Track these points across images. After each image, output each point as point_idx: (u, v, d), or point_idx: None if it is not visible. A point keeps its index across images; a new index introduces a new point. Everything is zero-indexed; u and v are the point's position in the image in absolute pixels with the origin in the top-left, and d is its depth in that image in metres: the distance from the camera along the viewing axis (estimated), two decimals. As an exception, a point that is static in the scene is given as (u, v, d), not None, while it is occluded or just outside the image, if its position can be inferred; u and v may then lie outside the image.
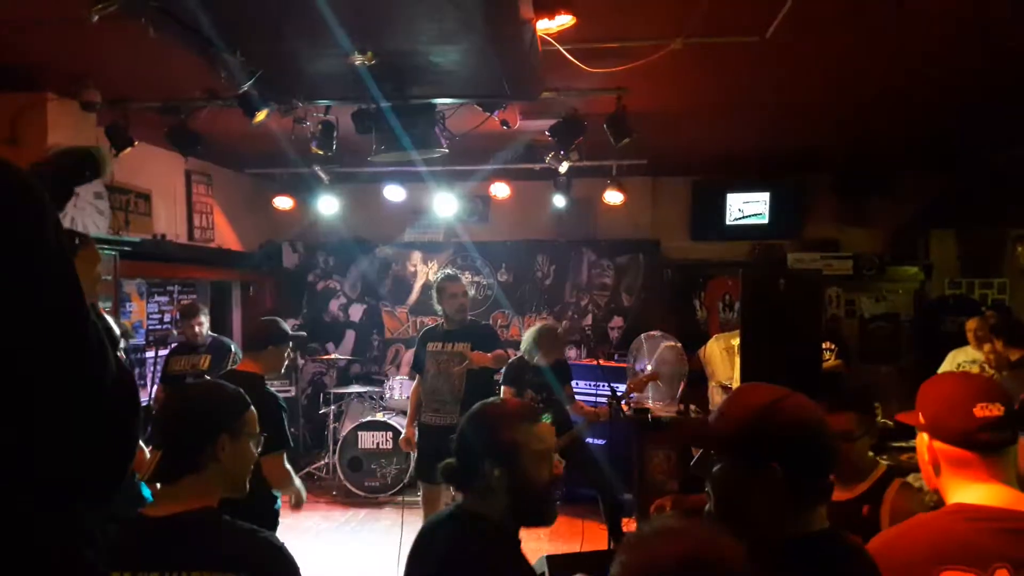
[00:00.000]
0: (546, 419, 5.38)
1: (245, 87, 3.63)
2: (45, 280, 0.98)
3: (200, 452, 1.83)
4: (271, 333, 3.93)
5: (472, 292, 8.39)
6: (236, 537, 1.76)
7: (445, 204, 7.60)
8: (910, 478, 4.68)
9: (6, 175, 0.98)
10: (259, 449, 2.02)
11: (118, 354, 1.22)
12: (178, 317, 6.48)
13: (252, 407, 2.00)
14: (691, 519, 1.25)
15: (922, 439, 1.70)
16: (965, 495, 1.58)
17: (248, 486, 1.96)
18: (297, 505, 3.73)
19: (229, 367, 5.28)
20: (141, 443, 3.13)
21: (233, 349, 6.00)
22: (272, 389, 3.72)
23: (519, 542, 1.92)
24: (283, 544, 1.80)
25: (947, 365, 5.99)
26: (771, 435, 1.43)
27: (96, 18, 2.65)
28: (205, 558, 1.68)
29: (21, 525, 0.97)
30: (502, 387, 5.58)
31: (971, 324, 5.94)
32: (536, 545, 5.94)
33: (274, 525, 3.60)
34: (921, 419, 1.67)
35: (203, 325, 5.93)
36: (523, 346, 5.74)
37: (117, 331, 2.31)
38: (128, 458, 1.12)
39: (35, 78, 4.78)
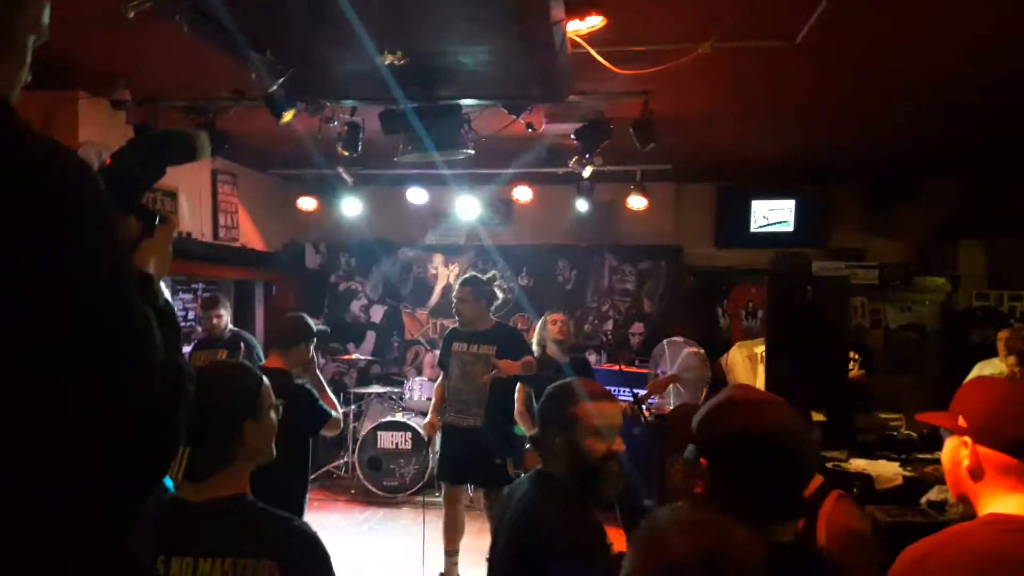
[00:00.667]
0: None
1: (275, 86, 3.65)
2: (80, 253, 0.95)
3: (228, 445, 1.82)
4: (300, 329, 3.97)
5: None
6: (270, 525, 1.78)
7: (467, 207, 7.60)
8: (932, 492, 4.63)
9: (62, 164, 0.96)
10: (279, 416, 2.01)
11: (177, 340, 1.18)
12: (199, 310, 6.52)
13: (264, 379, 1.99)
14: (703, 511, 1.24)
15: (957, 444, 1.66)
16: (1002, 505, 1.55)
17: (275, 450, 1.97)
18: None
19: (249, 361, 5.31)
20: None
21: (252, 343, 6.01)
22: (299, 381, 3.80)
23: (590, 505, 2.13)
24: (316, 533, 1.81)
25: (975, 376, 5.91)
26: (712, 433, 1.55)
27: (132, 14, 2.68)
28: (238, 545, 1.71)
29: (57, 518, 0.95)
30: (519, 385, 5.54)
31: (1003, 334, 5.87)
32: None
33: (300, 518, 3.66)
34: (962, 422, 1.63)
35: (222, 318, 5.93)
36: (535, 340, 5.73)
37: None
38: (172, 452, 1.09)
39: (67, 76, 4.84)
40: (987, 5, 3.63)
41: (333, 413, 3.81)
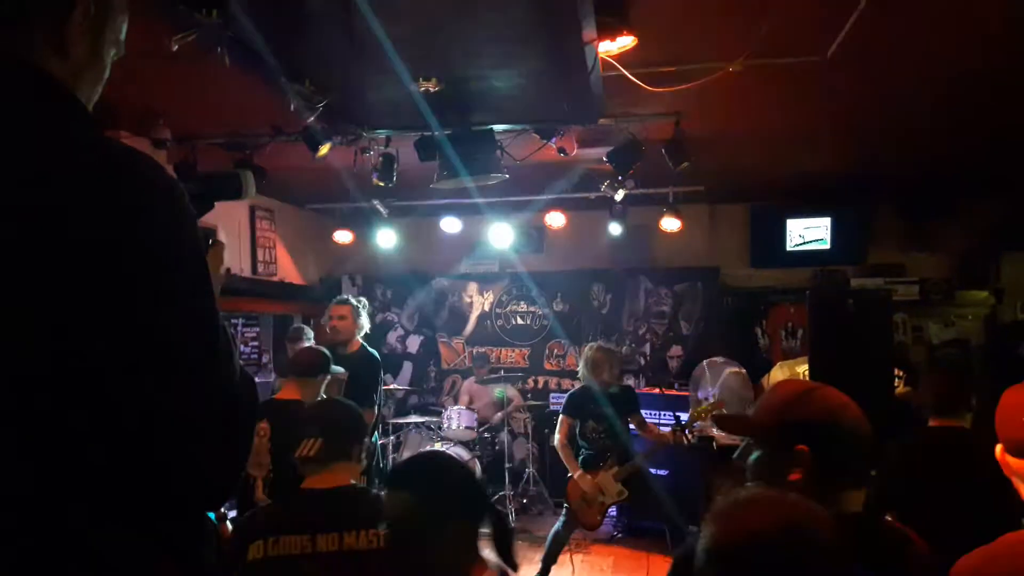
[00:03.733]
0: (612, 465, 5.38)
1: (312, 116, 3.72)
2: (183, 279, 0.97)
3: (352, 446, 2.41)
4: (323, 362, 4.02)
5: (527, 321, 8.44)
6: (376, 501, 2.19)
7: (500, 235, 7.64)
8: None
9: (148, 169, 0.98)
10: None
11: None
12: (287, 343, 6.60)
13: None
14: (771, 489, 1.28)
15: (1001, 448, 1.65)
16: None
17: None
18: None
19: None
20: None
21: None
22: None
23: None
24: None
25: None
26: (799, 421, 1.59)
27: (176, 47, 2.76)
28: (355, 519, 2.17)
29: (143, 528, 0.96)
30: (561, 417, 5.52)
31: None
32: (599, 577, 5.85)
33: None
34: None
35: (344, 319, 5.94)
36: (580, 373, 5.71)
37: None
38: (244, 464, 1.10)
39: (109, 116, 4.97)
40: (1019, 22, 3.60)
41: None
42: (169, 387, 0.94)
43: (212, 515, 1.94)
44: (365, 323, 5.26)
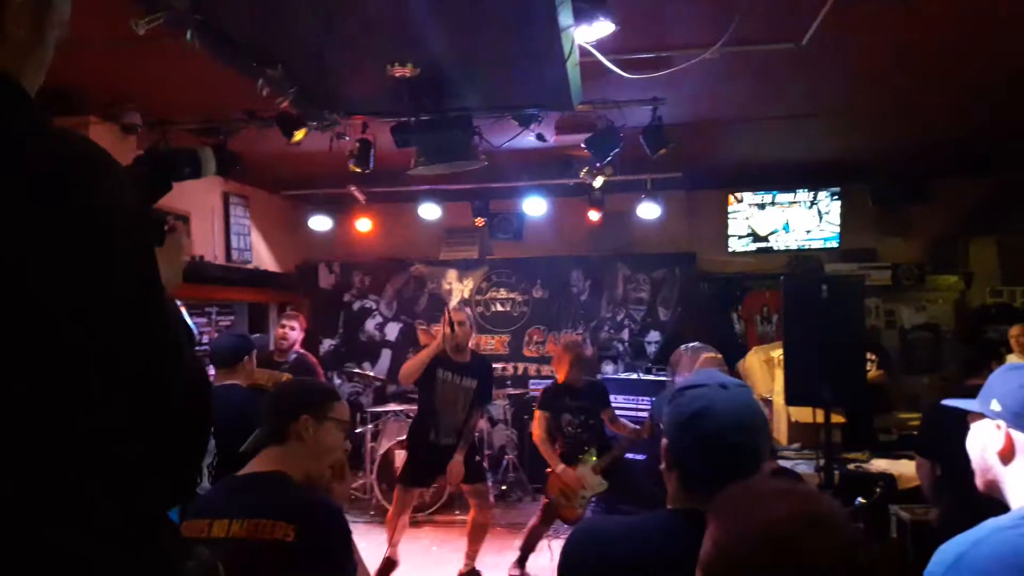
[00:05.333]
0: (591, 457, 5.41)
1: (286, 101, 3.68)
2: (114, 264, 0.93)
3: (284, 427, 2.13)
4: (241, 345, 4.13)
5: (507, 308, 8.44)
6: (297, 495, 2.04)
7: (479, 221, 7.63)
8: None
9: (74, 146, 0.95)
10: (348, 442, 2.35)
11: (195, 353, 1.18)
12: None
13: (343, 400, 2.32)
14: (782, 480, 1.24)
15: (988, 427, 1.65)
16: None
17: (327, 474, 2.23)
18: None
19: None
20: None
21: (315, 370, 5.94)
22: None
23: None
24: (341, 508, 2.07)
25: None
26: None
27: (143, 31, 2.71)
28: (267, 508, 1.95)
29: (99, 527, 0.93)
30: (537, 412, 5.50)
31: (1015, 330, 5.83)
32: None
33: None
34: (996, 406, 1.64)
35: (294, 330, 5.90)
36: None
37: (195, 329, 2.51)
38: (196, 465, 1.08)
39: (77, 102, 4.89)
40: (991, 6, 3.64)
41: None
42: (102, 378, 0.91)
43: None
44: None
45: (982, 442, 1.67)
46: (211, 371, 6.40)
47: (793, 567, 1.05)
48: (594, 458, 5.40)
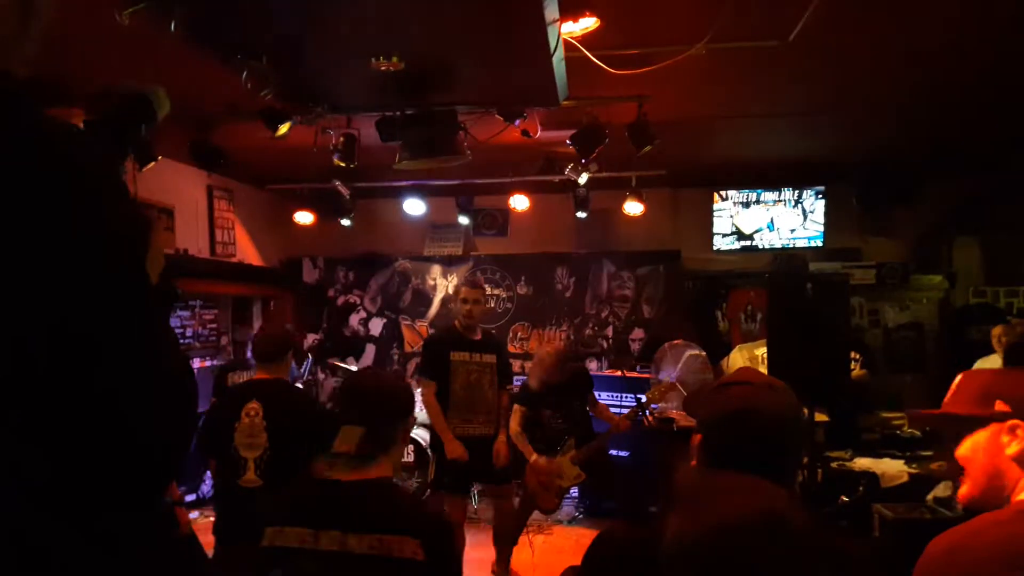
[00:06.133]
0: (569, 448, 5.38)
1: (270, 95, 3.64)
2: (104, 248, 0.91)
3: (393, 430, 1.99)
4: (287, 342, 4.07)
5: (491, 304, 8.40)
6: (415, 508, 1.91)
7: (464, 217, 7.61)
8: (939, 488, 4.63)
9: (49, 129, 0.93)
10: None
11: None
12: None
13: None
14: (738, 475, 1.21)
15: (997, 431, 1.60)
16: None
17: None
18: None
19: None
20: None
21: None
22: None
23: None
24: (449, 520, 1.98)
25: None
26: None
27: (127, 20, 2.67)
28: (390, 521, 1.81)
29: (81, 521, 0.91)
30: (515, 406, 5.45)
31: (996, 331, 5.87)
32: (560, 559, 5.88)
33: None
34: (1002, 407, 1.60)
35: None
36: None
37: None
38: (177, 463, 1.04)
39: (63, 94, 4.82)
40: (977, 5, 3.66)
41: None
42: (108, 369, 0.89)
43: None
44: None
45: (990, 446, 1.60)
46: (206, 362, 6.39)
47: (751, 562, 1.03)
48: (573, 450, 5.40)
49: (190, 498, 6.68)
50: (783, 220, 8.21)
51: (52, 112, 0.97)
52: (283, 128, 4.57)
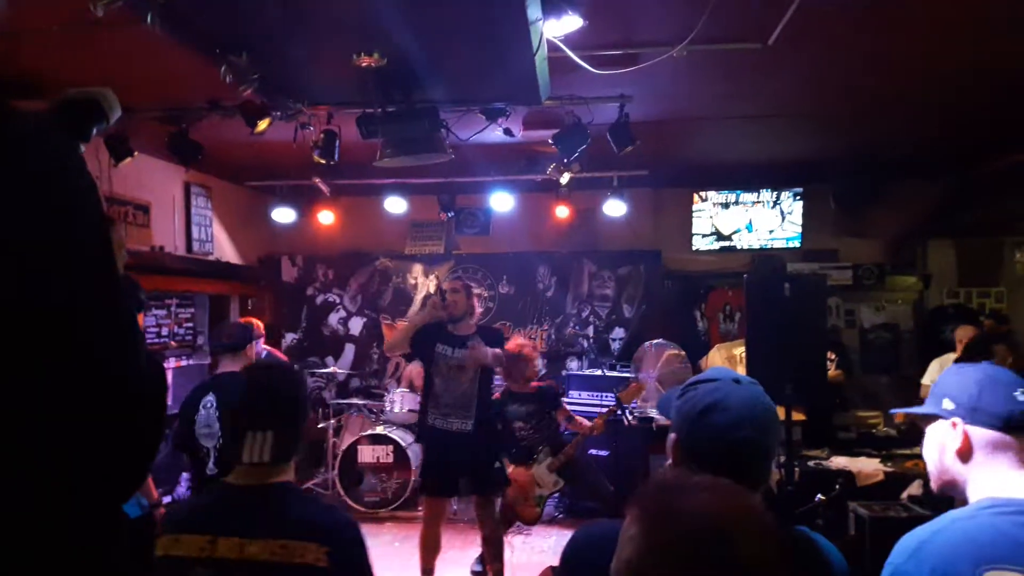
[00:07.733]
0: (545, 457, 5.35)
1: (249, 90, 3.61)
2: (81, 239, 0.91)
3: (298, 427, 1.93)
4: (247, 332, 4.16)
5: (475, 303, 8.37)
6: (319, 510, 1.85)
7: (446, 216, 7.59)
8: (913, 487, 4.68)
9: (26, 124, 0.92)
10: None
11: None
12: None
13: None
14: (696, 474, 1.20)
15: (943, 428, 1.66)
16: (996, 486, 1.55)
17: None
18: None
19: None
20: None
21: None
22: None
23: None
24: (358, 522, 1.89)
25: (934, 372, 6.02)
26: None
27: (101, 13, 2.63)
28: (292, 526, 1.75)
29: (44, 525, 0.89)
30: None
31: (960, 332, 5.96)
32: (539, 558, 5.89)
33: None
34: (948, 405, 1.64)
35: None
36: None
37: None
38: (150, 458, 1.03)
39: (36, 90, 4.76)
40: (953, 8, 3.70)
41: None
42: (77, 365, 0.88)
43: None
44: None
45: (939, 443, 1.66)
46: (182, 361, 6.33)
47: (716, 563, 1.02)
48: (549, 458, 5.40)
49: (167, 499, 6.61)
50: (762, 221, 8.28)
51: (19, 104, 0.95)
52: (262, 124, 4.54)
